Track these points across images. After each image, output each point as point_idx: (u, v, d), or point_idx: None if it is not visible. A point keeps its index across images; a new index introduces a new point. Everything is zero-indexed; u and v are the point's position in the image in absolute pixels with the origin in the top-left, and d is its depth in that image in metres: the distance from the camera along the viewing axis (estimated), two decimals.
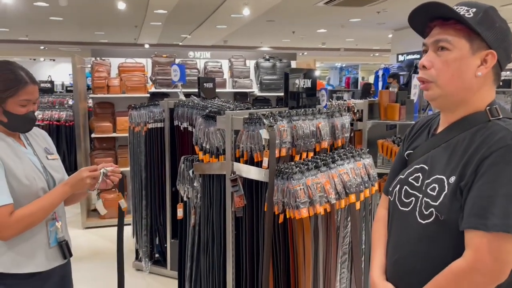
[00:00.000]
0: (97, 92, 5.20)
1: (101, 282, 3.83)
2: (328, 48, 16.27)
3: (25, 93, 1.67)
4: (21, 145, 1.77)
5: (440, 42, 1.13)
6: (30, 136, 1.84)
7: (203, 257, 2.13)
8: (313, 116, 2.14)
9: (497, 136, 1.06)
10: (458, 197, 1.08)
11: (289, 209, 1.80)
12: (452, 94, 1.15)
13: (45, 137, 1.94)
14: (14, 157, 1.67)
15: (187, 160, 2.21)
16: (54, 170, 1.81)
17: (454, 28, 1.12)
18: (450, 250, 1.09)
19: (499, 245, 1.01)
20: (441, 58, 1.13)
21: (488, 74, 1.13)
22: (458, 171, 1.09)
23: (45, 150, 1.85)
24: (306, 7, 7.96)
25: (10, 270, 1.63)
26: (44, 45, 15.06)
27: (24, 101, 1.68)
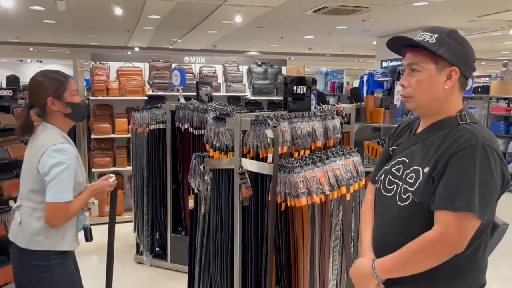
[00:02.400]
0: (97, 95, 5.42)
1: (101, 275, 4.01)
2: (315, 53, 16.69)
3: (71, 84, 2.00)
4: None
5: (412, 65, 1.45)
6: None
7: (212, 242, 2.40)
8: (309, 119, 2.44)
9: (464, 137, 1.35)
10: (430, 183, 1.37)
11: (290, 198, 2.09)
12: (427, 105, 1.45)
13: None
14: (78, 161, 1.98)
15: (198, 157, 2.49)
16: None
17: (421, 53, 1.42)
18: (422, 227, 1.38)
19: (463, 222, 1.31)
20: (414, 78, 1.44)
21: (455, 85, 1.44)
22: (432, 163, 1.38)
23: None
24: (295, 15, 8.30)
25: (55, 248, 1.90)
26: (34, 46, 15.10)
27: (75, 90, 2.01)
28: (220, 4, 7.26)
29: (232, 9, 7.38)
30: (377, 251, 1.54)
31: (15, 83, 10.65)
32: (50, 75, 1.98)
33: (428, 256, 1.35)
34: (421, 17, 8.51)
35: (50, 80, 1.96)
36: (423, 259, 1.36)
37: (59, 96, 1.94)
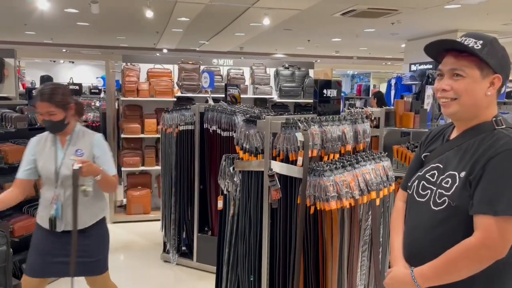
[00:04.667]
0: (128, 96, 5.55)
1: (128, 273, 4.14)
2: (342, 56, 16.56)
3: (37, 107, 2.37)
4: (62, 143, 2.46)
5: (456, 70, 1.43)
6: (74, 139, 2.47)
7: (240, 243, 2.43)
8: (339, 122, 2.44)
9: (501, 142, 1.35)
10: (467, 187, 1.37)
11: (319, 202, 2.10)
12: (468, 110, 1.45)
13: (90, 142, 2.50)
14: (41, 148, 2.45)
15: (228, 158, 2.52)
16: (65, 167, 2.38)
17: (467, 59, 1.42)
18: (457, 231, 1.38)
19: (504, 226, 1.30)
20: (457, 83, 1.43)
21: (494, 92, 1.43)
22: (468, 167, 1.38)
23: (76, 152, 2.44)
24: (323, 17, 8.27)
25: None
26: (66, 48, 15.55)
27: (38, 113, 2.39)
28: (249, 7, 7.31)
29: (261, 11, 7.42)
30: (408, 257, 1.53)
31: None
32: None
33: (471, 263, 1.34)
34: (452, 20, 8.34)
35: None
36: (465, 266, 1.35)
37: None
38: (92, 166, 2.35)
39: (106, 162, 2.51)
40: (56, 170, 2.40)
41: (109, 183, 2.49)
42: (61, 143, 2.46)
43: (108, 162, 2.53)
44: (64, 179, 2.38)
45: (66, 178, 2.37)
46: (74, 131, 2.49)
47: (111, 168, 2.53)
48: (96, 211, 2.52)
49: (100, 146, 2.52)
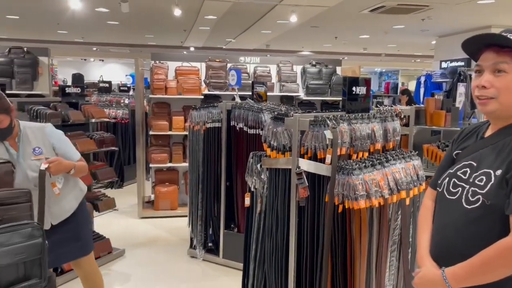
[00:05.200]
0: (156, 93, 5.63)
1: (156, 267, 4.21)
2: (369, 53, 16.31)
3: None
4: (13, 147, 2.36)
5: (499, 64, 1.38)
6: (24, 139, 2.37)
7: (267, 240, 2.43)
8: (369, 120, 2.41)
9: None
10: (503, 186, 1.33)
11: (348, 201, 2.08)
12: (507, 108, 1.40)
13: (43, 135, 2.43)
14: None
15: (256, 155, 2.53)
16: (31, 170, 2.33)
17: (510, 54, 1.37)
18: (491, 230, 1.34)
19: None
20: (499, 79, 1.38)
21: None
22: (505, 165, 1.34)
23: (33, 151, 2.37)
24: (351, 14, 8.17)
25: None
26: (97, 46, 15.92)
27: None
28: (276, 4, 7.29)
29: (288, 9, 7.39)
30: (436, 256, 1.50)
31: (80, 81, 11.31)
32: None
33: (506, 263, 1.31)
34: (485, 15, 8.08)
35: None
36: (500, 267, 1.31)
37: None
38: (62, 163, 2.32)
39: (67, 149, 2.51)
40: (24, 175, 2.32)
41: (81, 171, 2.55)
42: (12, 148, 2.37)
43: (70, 149, 2.53)
44: (33, 181, 2.30)
45: (34, 179, 2.30)
46: (20, 131, 2.39)
47: (74, 153, 2.54)
48: (76, 195, 2.62)
49: (55, 136, 2.49)
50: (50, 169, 2.27)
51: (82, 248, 2.68)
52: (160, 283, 3.85)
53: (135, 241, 4.83)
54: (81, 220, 2.67)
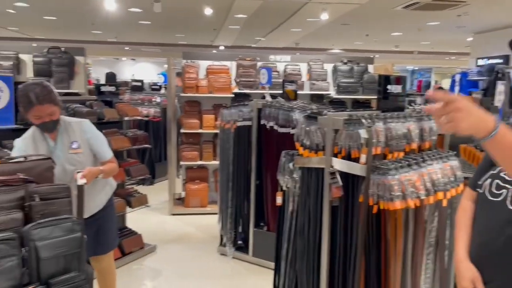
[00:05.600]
0: (187, 92, 5.70)
1: (186, 263, 4.27)
2: (401, 51, 15.97)
3: (34, 111, 2.27)
4: (52, 139, 2.41)
5: None
6: (63, 132, 2.43)
7: (299, 240, 2.42)
8: (405, 119, 2.36)
9: None
10: None
11: (383, 201, 2.04)
12: None
13: (81, 130, 2.49)
14: (34, 150, 2.34)
15: (288, 154, 2.52)
16: (68, 162, 2.39)
17: None
18: None
19: None
20: None
21: None
22: None
23: (71, 145, 2.43)
24: (383, 11, 8.01)
25: None
26: (129, 46, 16.26)
27: (34, 116, 2.29)
28: (307, 2, 7.24)
29: (318, 6, 7.32)
30: (477, 259, 1.45)
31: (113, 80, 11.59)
32: (21, 97, 2.29)
33: None
34: None
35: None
36: None
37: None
38: (92, 171, 2.32)
39: (101, 146, 2.54)
40: (62, 167, 2.36)
41: (110, 173, 2.57)
42: (51, 139, 2.42)
43: (103, 146, 2.56)
44: (71, 173, 2.32)
45: (72, 172, 2.32)
46: (60, 125, 2.43)
47: (107, 151, 2.57)
48: (107, 192, 2.69)
49: (91, 132, 2.52)
50: (88, 182, 2.29)
51: (105, 244, 2.69)
52: (191, 279, 3.90)
53: (166, 237, 4.90)
54: (107, 216, 2.71)
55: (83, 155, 2.46)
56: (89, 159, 2.51)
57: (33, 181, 1.88)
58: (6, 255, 1.56)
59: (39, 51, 5.74)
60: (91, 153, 2.53)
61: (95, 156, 2.57)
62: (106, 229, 2.70)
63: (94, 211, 2.61)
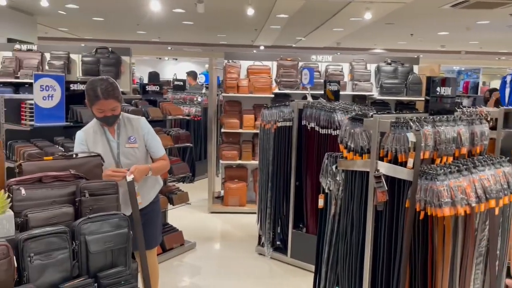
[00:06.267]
0: (228, 92, 5.75)
1: (225, 261, 4.31)
2: (447, 50, 15.41)
3: (98, 105, 2.39)
4: (112, 133, 2.52)
5: None
6: (122, 127, 2.53)
7: (341, 243, 2.38)
8: (455, 123, 2.26)
9: None
10: None
11: (431, 207, 1.96)
12: None
13: (138, 126, 2.58)
14: (93, 142, 2.48)
15: (331, 156, 2.48)
16: (124, 156, 2.50)
17: None
18: None
19: None
20: None
21: None
22: None
23: (129, 139, 2.52)
24: (430, 10, 7.76)
25: None
26: (171, 45, 16.62)
27: (98, 110, 2.41)
28: (350, 1, 7.12)
29: (362, 6, 7.19)
30: None
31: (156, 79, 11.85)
32: (88, 91, 2.44)
33: None
34: None
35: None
36: None
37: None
38: (140, 169, 2.41)
39: (155, 143, 2.63)
40: (115, 160, 2.49)
41: (159, 171, 2.66)
42: (110, 134, 2.53)
43: (158, 144, 2.64)
44: (125, 167, 2.45)
45: (126, 166, 2.45)
46: (120, 120, 2.54)
47: (160, 149, 2.66)
48: (156, 190, 2.75)
49: (147, 129, 2.61)
50: (136, 179, 2.38)
51: (150, 239, 2.71)
52: (229, 278, 3.93)
53: (205, 235, 4.97)
54: (152, 212, 2.76)
55: (138, 150, 2.55)
56: (143, 155, 2.60)
57: (83, 177, 1.95)
58: (59, 248, 1.63)
59: (87, 51, 5.96)
60: (145, 149, 2.62)
61: (148, 154, 2.66)
62: (152, 224, 2.76)
63: (146, 203, 2.68)
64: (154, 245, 2.85)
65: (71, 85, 3.54)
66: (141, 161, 2.54)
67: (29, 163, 1.90)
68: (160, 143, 2.69)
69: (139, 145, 2.56)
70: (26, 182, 1.77)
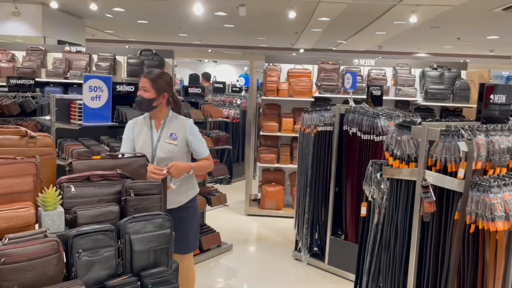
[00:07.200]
0: (268, 95, 5.74)
1: (261, 265, 4.29)
2: (496, 55, 14.76)
3: (140, 82, 2.61)
4: (157, 127, 2.64)
5: None
6: (168, 123, 2.64)
7: (383, 254, 2.31)
8: (509, 132, 2.15)
9: None
10: None
11: (482, 221, 1.87)
12: None
13: (183, 126, 2.65)
14: (139, 130, 2.63)
15: (376, 164, 2.42)
16: (161, 150, 2.57)
17: None
18: None
19: None
20: None
21: None
22: None
23: (170, 135, 2.60)
24: (480, 13, 7.46)
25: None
26: (212, 48, 16.84)
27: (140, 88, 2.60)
28: (395, 4, 6.95)
29: (407, 9, 7.00)
30: None
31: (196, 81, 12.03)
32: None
33: None
34: None
35: None
36: None
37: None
38: (180, 166, 2.47)
39: (199, 144, 2.67)
40: (152, 152, 2.58)
41: (203, 170, 2.73)
42: (156, 127, 2.64)
43: (201, 145, 2.69)
44: (159, 160, 2.54)
45: (161, 159, 2.54)
46: (167, 116, 2.65)
47: (205, 150, 2.70)
48: (188, 194, 2.72)
49: (192, 131, 2.66)
50: (171, 173, 2.45)
51: (182, 245, 2.68)
52: (265, 281, 3.91)
53: (242, 237, 4.98)
54: (186, 217, 2.73)
55: (176, 147, 2.59)
56: (181, 153, 2.63)
57: (129, 177, 2.00)
58: (105, 245, 1.67)
59: (132, 53, 6.14)
60: (185, 149, 2.66)
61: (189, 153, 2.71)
62: (185, 229, 2.73)
63: (182, 202, 2.68)
64: (189, 250, 2.80)
65: (117, 86, 3.65)
66: (177, 159, 2.58)
67: (78, 162, 1.96)
68: (204, 144, 2.73)
69: (178, 143, 2.62)
70: (76, 180, 1.83)
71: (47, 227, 1.61)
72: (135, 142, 2.63)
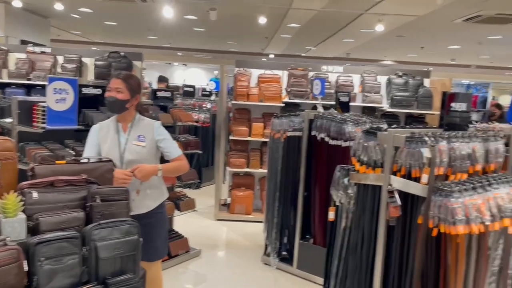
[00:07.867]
0: (238, 99, 5.75)
1: (230, 270, 4.27)
2: (457, 64, 15.36)
3: (109, 83, 2.56)
4: (124, 130, 2.59)
5: None
6: (135, 125, 2.60)
7: (351, 257, 2.35)
8: (470, 139, 2.24)
9: None
10: None
11: (444, 225, 1.94)
12: None
13: (151, 128, 2.62)
14: (105, 133, 2.58)
15: (343, 169, 2.46)
16: (129, 152, 2.54)
17: None
18: None
19: None
20: None
21: None
22: None
23: (138, 137, 2.57)
24: (442, 23, 7.76)
25: None
26: (181, 51, 16.72)
27: (107, 90, 2.55)
28: (362, 13, 7.13)
29: (374, 18, 7.20)
30: None
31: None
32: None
33: None
34: None
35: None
36: None
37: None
38: (145, 168, 2.43)
39: (169, 144, 2.64)
40: (121, 155, 2.53)
41: (174, 171, 2.71)
42: (123, 130, 2.60)
43: (171, 144, 2.65)
44: (128, 163, 2.50)
45: (129, 162, 2.50)
46: (134, 119, 2.61)
47: (175, 150, 2.66)
48: (155, 197, 2.66)
49: (160, 131, 2.64)
50: (136, 176, 2.40)
51: (150, 252, 2.61)
52: (233, 287, 3.90)
53: (211, 242, 4.95)
54: (155, 223, 2.67)
55: (144, 148, 2.55)
56: (149, 155, 2.58)
57: (95, 182, 1.95)
58: (69, 253, 1.62)
59: (99, 55, 6.00)
60: (154, 151, 2.61)
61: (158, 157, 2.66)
62: (153, 236, 2.65)
63: (150, 207, 2.62)
64: (157, 258, 2.73)
65: (83, 89, 3.56)
66: (146, 161, 2.54)
67: (41, 167, 1.90)
68: (175, 144, 2.69)
69: (147, 145, 2.57)
70: (39, 186, 1.76)
71: (8, 234, 1.55)
72: (101, 146, 2.56)
